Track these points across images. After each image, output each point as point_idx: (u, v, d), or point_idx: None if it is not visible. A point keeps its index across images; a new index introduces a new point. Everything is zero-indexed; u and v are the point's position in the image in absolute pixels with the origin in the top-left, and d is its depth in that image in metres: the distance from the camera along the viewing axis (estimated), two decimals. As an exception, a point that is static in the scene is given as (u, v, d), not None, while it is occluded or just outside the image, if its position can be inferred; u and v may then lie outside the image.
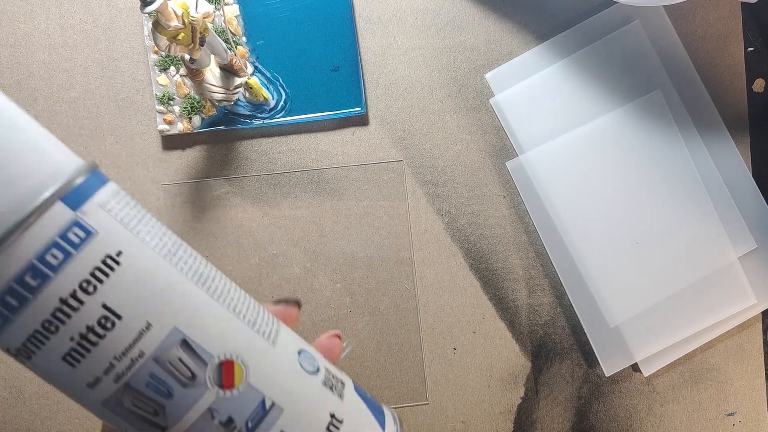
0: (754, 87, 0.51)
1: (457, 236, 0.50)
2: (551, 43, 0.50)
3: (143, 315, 0.21)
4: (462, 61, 0.50)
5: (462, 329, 0.51)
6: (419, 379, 0.51)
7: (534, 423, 0.51)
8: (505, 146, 0.50)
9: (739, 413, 0.51)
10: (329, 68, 0.49)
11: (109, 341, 0.21)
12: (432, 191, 0.50)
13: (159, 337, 0.21)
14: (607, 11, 0.50)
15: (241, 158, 0.50)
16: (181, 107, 0.49)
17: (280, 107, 0.49)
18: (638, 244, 0.49)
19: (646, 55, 0.50)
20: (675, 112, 0.50)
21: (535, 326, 0.51)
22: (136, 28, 0.49)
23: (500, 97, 0.50)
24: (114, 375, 0.21)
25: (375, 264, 0.50)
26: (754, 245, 0.50)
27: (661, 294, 0.49)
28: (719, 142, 0.50)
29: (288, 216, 0.50)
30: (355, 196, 0.50)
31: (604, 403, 0.51)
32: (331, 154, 0.50)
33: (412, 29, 0.50)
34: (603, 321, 0.50)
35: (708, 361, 0.51)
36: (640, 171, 0.49)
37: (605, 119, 0.49)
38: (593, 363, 0.51)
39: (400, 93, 0.50)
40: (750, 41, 0.51)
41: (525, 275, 0.51)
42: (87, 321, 0.20)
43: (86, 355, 0.21)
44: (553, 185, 0.50)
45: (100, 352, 0.21)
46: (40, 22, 0.50)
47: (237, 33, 0.49)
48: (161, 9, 0.37)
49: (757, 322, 0.51)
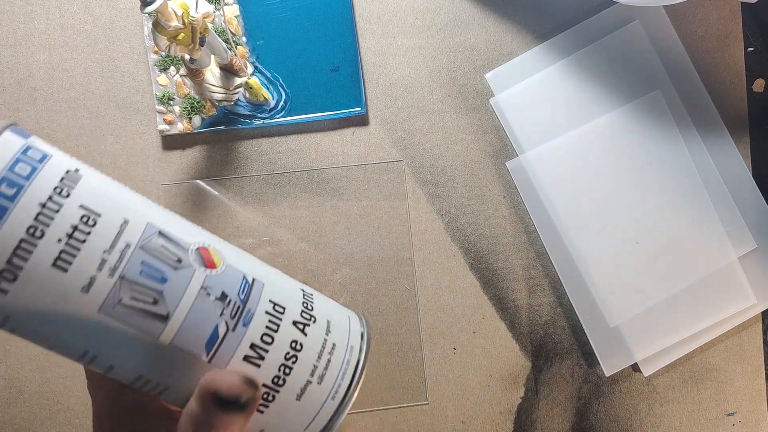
0: (754, 87, 0.51)
1: (457, 236, 0.50)
2: (551, 43, 0.50)
3: (118, 212, 0.22)
4: (462, 61, 0.50)
5: (462, 329, 0.51)
6: (419, 379, 0.51)
7: (534, 423, 0.51)
8: (505, 146, 0.50)
9: (739, 413, 0.51)
10: (329, 68, 0.49)
11: (95, 237, 0.21)
12: (432, 191, 0.50)
13: (139, 229, 0.23)
14: (607, 11, 0.50)
15: (241, 158, 0.50)
16: (181, 107, 0.49)
17: (280, 107, 0.49)
18: (638, 244, 0.49)
19: (646, 55, 0.50)
20: (675, 112, 0.50)
21: (535, 326, 0.51)
22: (136, 28, 0.49)
23: (500, 97, 0.50)
24: (108, 269, 0.21)
25: (375, 264, 0.50)
26: (754, 245, 0.50)
27: (661, 294, 0.49)
28: (719, 142, 0.50)
29: (288, 216, 0.50)
30: (355, 196, 0.50)
31: (604, 403, 0.51)
32: (331, 154, 0.50)
33: (412, 29, 0.50)
34: (603, 321, 0.50)
35: (708, 361, 0.51)
36: (640, 171, 0.49)
37: (605, 119, 0.49)
38: (593, 363, 0.51)
39: (400, 93, 0.50)
40: (750, 41, 0.51)
41: (525, 275, 0.51)
42: (70, 220, 0.21)
43: (76, 254, 0.21)
44: (553, 185, 0.50)
45: (89, 248, 0.21)
46: (41, 23, 0.50)
47: (237, 33, 0.49)
48: (161, 9, 0.37)
49: (757, 322, 0.51)
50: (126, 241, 0.22)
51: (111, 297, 0.21)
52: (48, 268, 0.21)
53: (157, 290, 0.22)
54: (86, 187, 0.22)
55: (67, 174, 0.22)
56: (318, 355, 0.26)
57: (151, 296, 0.22)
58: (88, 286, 0.21)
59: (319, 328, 0.26)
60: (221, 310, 0.23)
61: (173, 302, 0.22)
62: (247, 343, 0.24)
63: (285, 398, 0.24)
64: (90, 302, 0.21)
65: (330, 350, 0.26)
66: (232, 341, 0.23)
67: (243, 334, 0.24)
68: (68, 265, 0.21)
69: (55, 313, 0.21)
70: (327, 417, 0.25)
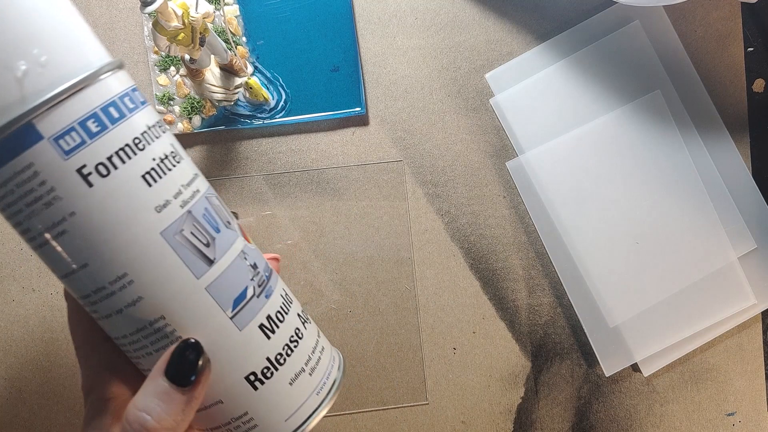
0: (754, 87, 0.51)
1: (457, 236, 0.50)
2: (551, 43, 0.50)
3: (192, 166, 0.26)
4: (462, 61, 0.50)
5: (462, 329, 0.51)
6: (419, 379, 0.51)
7: (534, 423, 0.51)
8: (505, 146, 0.50)
9: (739, 413, 0.51)
10: (329, 68, 0.49)
11: (178, 171, 0.24)
12: (432, 191, 0.50)
13: (205, 185, 0.26)
14: (607, 11, 0.50)
15: (241, 158, 0.50)
16: (181, 107, 0.49)
17: (280, 107, 0.49)
18: (638, 244, 0.49)
19: (646, 55, 0.50)
20: (675, 112, 0.50)
21: (535, 326, 0.51)
22: (136, 28, 0.49)
23: (500, 97, 0.50)
24: (181, 200, 0.24)
25: (375, 264, 0.50)
26: (754, 245, 0.50)
27: (661, 294, 0.49)
28: (719, 142, 0.50)
29: (288, 216, 0.50)
30: (355, 196, 0.50)
31: (604, 403, 0.51)
32: (331, 154, 0.50)
33: (412, 29, 0.50)
34: (603, 321, 0.50)
35: (708, 361, 0.51)
36: (640, 171, 0.49)
37: (605, 119, 0.49)
38: (593, 363, 0.51)
39: (400, 93, 0.50)
40: (750, 41, 0.51)
41: (525, 275, 0.51)
42: (164, 149, 0.24)
43: (162, 177, 0.24)
44: (553, 185, 0.50)
45: (173, 177, 0.24)
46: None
47: (237, 33, 0.49)
48: (161, 9, 0.37)
49: (757, 322, 0.51)
50: (197, 187, 0.25)
51: (176, 224, 0.23)
52: (137, 177, 0.23)
53: (211, 235, 0.25)
54: (171, 135, 0.26)
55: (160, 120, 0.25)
56: (312, 348, 0.28)
57: (206, 238, 0.24)
58: (162, 207, 0.23)
59: (314, 329, 0.29)
60: (252, 275, 0.26)
61: (221, 251, 0.25)
62: (265, 314, 0.26)
63: (281, 378, 0.26)
64: (157, 222, 0.23)
65: (320, 350, 0.29)
66: (255, 306, 0.26)
67: (264, 304, 0.26)
68: (153, 182, 0.23)
69: (122, 222, 0.22)
70: (309, 411, 0.27)
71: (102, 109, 0.22)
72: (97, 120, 0.22)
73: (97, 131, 0.22)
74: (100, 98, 0.23)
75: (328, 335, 0.51)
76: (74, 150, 0.22)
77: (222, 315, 0.24)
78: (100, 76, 0.23)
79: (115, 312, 0.24)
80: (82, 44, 0.23)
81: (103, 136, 0.22)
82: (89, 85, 0.22)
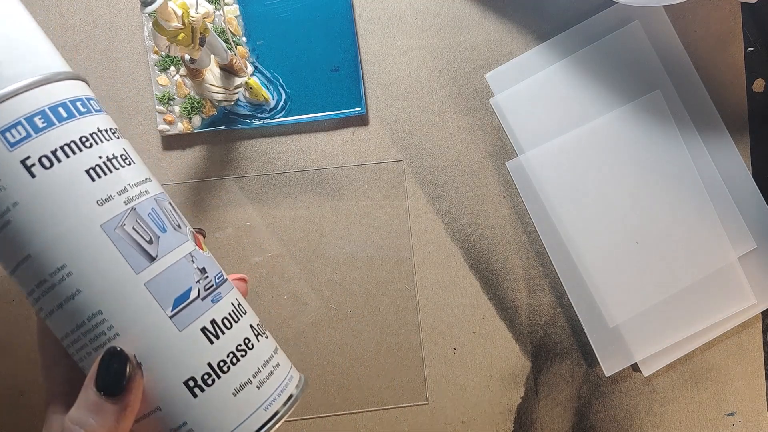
0: (754, 87, 0.51)
1: (457, 236, 0.50)
2: (551, 43, 0.50)
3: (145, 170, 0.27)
4: (462, 61, 0.50)
5: (462, 329, 0.51)
6: (419, 379, 0.51)
7: (534, 423, 0.51)
8: (505, 146, 0.50)
9: (739, 413, 0.51)
10: (329, 68, 0.49)
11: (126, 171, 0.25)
12: (432, 191, 0.50)
13: (157, 189, 0.27)
14: (607, 11, 0.50)
15: (241, 158, 0.50)
16: (181, 107, 0.49)
17: (280, 107, 0.49)
18: (638, 244, 0.49)
19: (646, 55, 0.50)
20: (675, 112, 0.50)
21: (535, 326, 0.51)
22: (136, 28, 0.49)
23: (500, 97, 0.50)
24: (125, 197, 0.25)
25: (375, 264, 0.50)
26: (754, 245, 0.50)
27: (661, 294, 0.49)
28: (719, 142, 0.50)
29: (288, 216, 0.50)
30: (355, 196, 0.50)
31: (604, 403, 0.51)
32: (331, 154, 0.50)
33: (412, 29, 0.50)
34: (603, 321, 0.50)
35: (708, 361, 0.51)
36: (640, 171, 0.49)
37: (605, 119, 0.49)
38: (593, 363, 0.51)
39: (400, 93, 0.50)
40: (750, 41, 0.51)
41: (525, 275, 0.51)
42: (114, 151, 0.25)
43: (107, 174, 0.24)
44: (553, 185, 0.50)
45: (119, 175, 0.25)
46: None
47: (237, 33, 0.49)
48: (161, 9, 0.37)
49: (757, 322, 0.51)
50: (146, 188, 0.26)
51: (117, 218, 0.24)
52: (81, 171, 0.24)
53: (155, 233, 0.25)
54: (128, 142, 0.27)
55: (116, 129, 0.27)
56: (264, 362, 0.27)
57: (148, 235, 0.25)
58: (104, 201, 0.24)
59: (269, 344, 0.29)
60: (198, 278, 0.26)
61: (164, 250, 0.25)
62: (210, 317, 0.26)
63: (223, 387, 0.25)
64: (98, 215, 0.24)
65: (274, 366, 0.28)
66: (198, 308, 0.26)
67: (209, 308, 0.26)
68: (98, 177, 0.24)
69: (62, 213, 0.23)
70: (254, 426, 0.26)
71: (50, 108, 0.24)
72: (44, 117, 0.24)
73: (43, 126, 0.24)
74: (49, 99, 0.24)
75: (328, 335, 0.52)
76: (19, 142, 0.23)
77: (161, 313, 0.24)
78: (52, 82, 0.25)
79: (56, 307, 0.24)
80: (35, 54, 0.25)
81: (49, 131, 0.24)
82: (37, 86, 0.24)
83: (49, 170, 0.23)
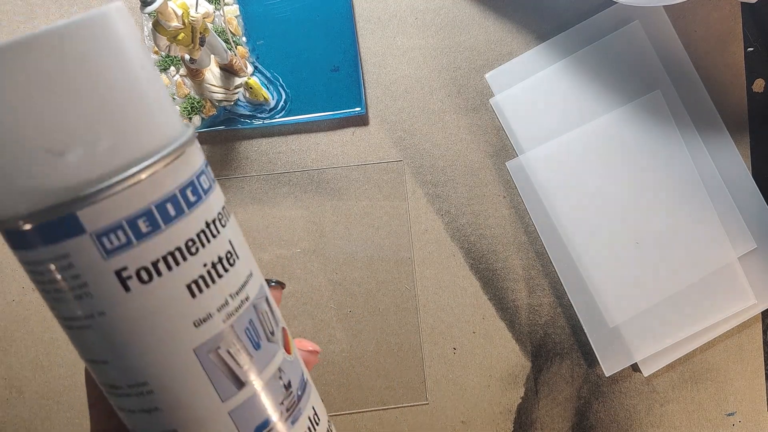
0: (754, 87, 0.51)
1: (457, 236, 0.50)
2: (551, 43, 0.50)
3: (249, 261, 0.22)
4: (462, 61, 0.50)
5: (462, 329, 0.51)
6: (419, 379, 0.51)
7: (534, 423, 0.51)
8: (505, 146, 0.50)
9: (739, 413, 0.51)
10: (329, 68, 0.49)
11: (229, 277, 0.21)
12: (432, 191, 0.50)
13: (256, 287, 0.22)
14: (607, 11, 0.50)
15: (241, 158, 0.50)
16: (181, 107, 0.49)
17: (280, 107, 0.49)
18: (638, 244, 0.49)
19: (646, 55, 0.50)
20: (675, 112, 0.50)
21: (535, 326, 0.51)
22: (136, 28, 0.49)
23: (500, 97, 0.50)
24: (225, 313, 0.21)
25: (375, 264, 0.50)
26: (754, 245, 0.50)
27: (661, 294, 0.49)
28: (719, 142, 0.50)
29: (288, 216, 0.50)
30: (355, 196, 0.50)
31: (604, 403, 0.51)
32: (331, 154, 0.50)
33: (412, 29, 0.50)
34: (603, 321, 0.50)
35: (708, 361, 0.51)
36: (640, 171, 0.49)
37: (605, 119, 0.49)
38: (593, 363, 0.51)
39: (400, 93, 0.50)
40: (750, 41, 0.51)
41: (525, 275, 0.51)
42: (219, 251, 0.21)
43: (210, 285, 0.20)
44: (553, 185, 0.50)
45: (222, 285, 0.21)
46: (40, 22, 0.50)
47: (237, 33, 0.49)
48: (161, 9, 0.37)
49: (757, 322, 0.51)
50: (247, 294, 0.21)
51: (212, 341, 0.20)
52: (182, 286, 0.20)
53: (249, 354, 0.21)
54: (232, 226, 0.21)
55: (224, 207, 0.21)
56: None
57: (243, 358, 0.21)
58: (202, 321, 0.20)
59: None
60: (283, 398, 0.22)
61: (255, 373, 0.21)
62: None
63: None
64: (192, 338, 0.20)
65: None
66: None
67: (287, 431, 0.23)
68: (199, 293, 0.20)
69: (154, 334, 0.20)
70: None
71: (157, 205, 0.19)
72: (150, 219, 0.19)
73: (147, 232, 0.19)
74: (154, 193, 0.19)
75: (328, 335, 0.52)
76: (117, 251, 0.19)
77: None
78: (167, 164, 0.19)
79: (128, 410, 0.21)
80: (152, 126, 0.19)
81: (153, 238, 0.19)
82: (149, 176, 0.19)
83: (147, 285, 0.19)
